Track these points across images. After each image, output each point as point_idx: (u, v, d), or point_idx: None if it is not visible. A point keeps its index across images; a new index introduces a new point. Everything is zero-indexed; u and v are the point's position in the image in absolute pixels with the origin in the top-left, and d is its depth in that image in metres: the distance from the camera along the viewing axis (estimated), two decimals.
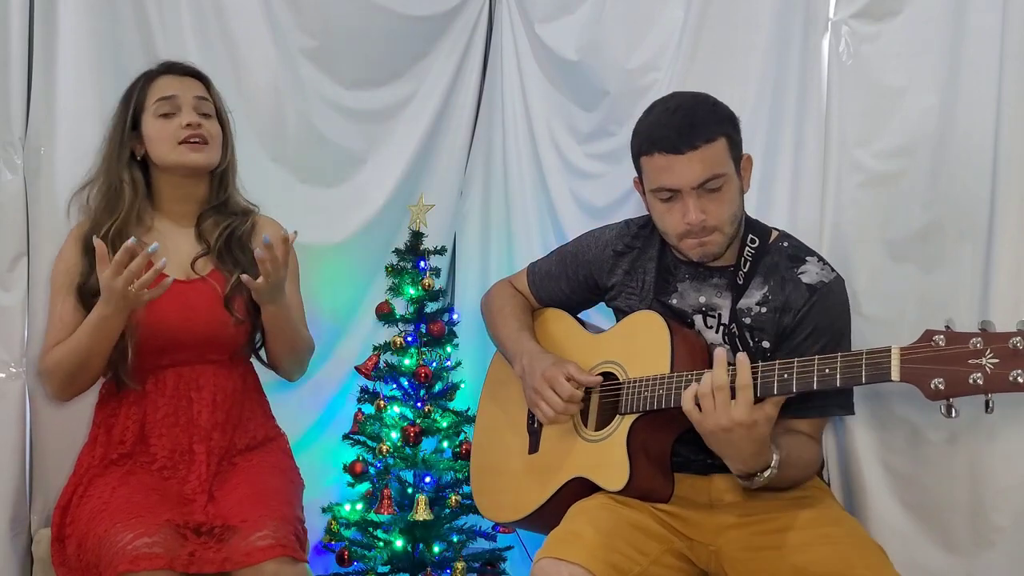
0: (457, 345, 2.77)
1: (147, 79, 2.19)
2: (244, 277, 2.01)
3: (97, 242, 1.92)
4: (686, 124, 1.83)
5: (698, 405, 1.71)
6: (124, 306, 1.94)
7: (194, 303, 2.09)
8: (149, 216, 2.18)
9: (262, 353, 2.28)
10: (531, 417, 2.13)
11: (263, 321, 2.16)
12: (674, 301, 1.99)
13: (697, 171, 1.83)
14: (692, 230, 1.87)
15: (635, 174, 1.98)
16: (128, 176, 2.15)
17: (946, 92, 1.98)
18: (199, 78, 2.23)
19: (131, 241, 1.89)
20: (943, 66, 1.98)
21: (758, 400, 1.68)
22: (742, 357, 1.67)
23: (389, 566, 2.61)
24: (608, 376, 2.00)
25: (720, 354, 1.70)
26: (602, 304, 2.19)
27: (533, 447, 2.11)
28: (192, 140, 2.13)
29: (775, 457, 1.74)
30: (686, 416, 1.80)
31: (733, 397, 1.67)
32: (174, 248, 2.16)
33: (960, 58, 1.95)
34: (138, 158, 2.18)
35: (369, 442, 2.69)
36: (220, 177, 2.23)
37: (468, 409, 2.68)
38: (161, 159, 2.15)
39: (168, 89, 2.16)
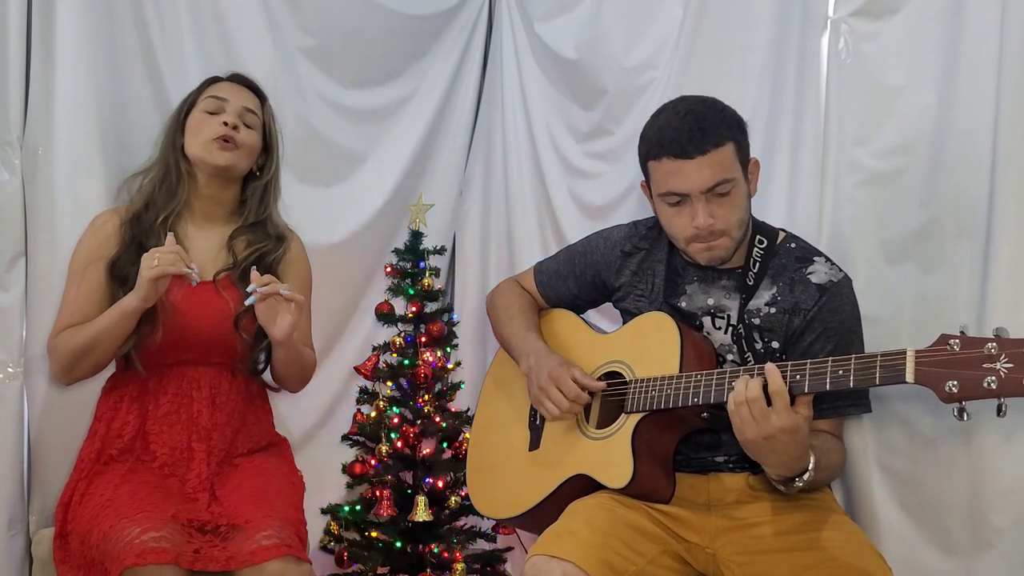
0: (456, 345, 2.77)
1: (210, 80, 2.25)
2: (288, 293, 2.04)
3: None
4: (696, 129, 1.83)
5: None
6: (152, 295, 1.97)
7: (205, 304, 2.09)
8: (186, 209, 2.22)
9: (266, 375, 2.28)
10: (533, 414, 2.12)
11: (273, 359, 2.19)
12: (683, 303, 1.99)
13: (706, 176, 1.83)
14: (700, 234, 1.88)
15: (636, 174, 1.98)
16: (184, 167, 2.20)
17: (944, 91, 1.97)
18: (258, 94, 2.28)
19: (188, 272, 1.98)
20: (942, 65, 1.98)
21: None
22: (770, 366, 1.67)
23: (388, 567, 2.61)
24: (614, 375, 2.00)
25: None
26: (608, 306, 2.19)
27: (534, 444, 2.10)
28: (223, 139, 2.16)
29: (812, 460, 1.74)
30: (693, 417, 1.79)
31: (768, 404, 1.66)
32: (196, 247, 2.18)
33: (959, 57, 1.95)
34: (179, 149, 2.21)
35: (368, 443, 2.68)
36: (261, 192, 2.25)
37: (468, 410, 2.68)
38: (191, 151, 2.18)
39: (221, 91, 2.22)
